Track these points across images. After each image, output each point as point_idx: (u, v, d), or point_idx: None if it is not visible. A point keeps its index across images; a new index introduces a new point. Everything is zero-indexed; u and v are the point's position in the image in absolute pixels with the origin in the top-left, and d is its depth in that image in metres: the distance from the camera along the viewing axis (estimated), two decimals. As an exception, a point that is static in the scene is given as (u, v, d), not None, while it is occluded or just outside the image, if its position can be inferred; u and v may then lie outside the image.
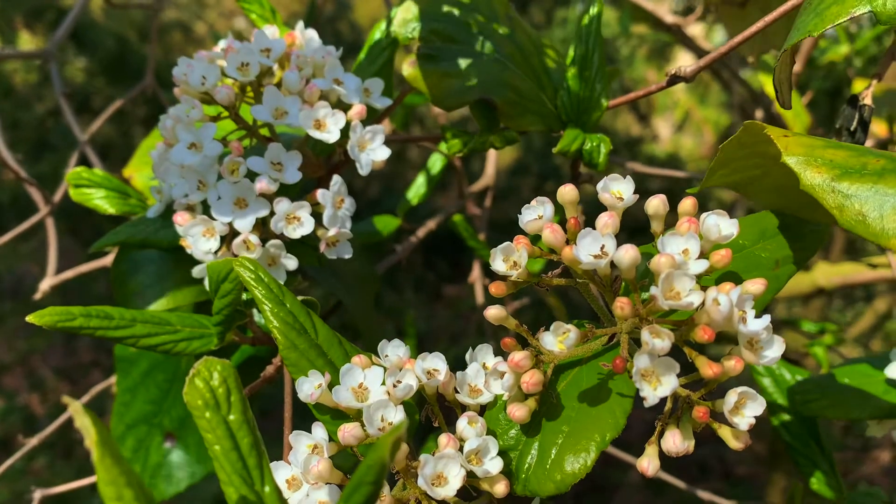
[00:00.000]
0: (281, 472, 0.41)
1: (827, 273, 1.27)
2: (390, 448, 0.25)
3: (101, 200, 0.65)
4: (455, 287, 3.02)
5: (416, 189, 0.93)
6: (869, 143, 1.15)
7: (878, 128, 1.37)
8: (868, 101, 0.60)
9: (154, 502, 0.26)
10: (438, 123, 1.27)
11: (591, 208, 0.50)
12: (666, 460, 0.40)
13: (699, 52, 1.30)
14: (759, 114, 1.28)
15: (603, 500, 2.40)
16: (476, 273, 1.08)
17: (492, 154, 1.10)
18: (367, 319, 0.74)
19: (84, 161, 1.04)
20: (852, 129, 0.60)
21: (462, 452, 0.39)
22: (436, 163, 0.93)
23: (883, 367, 0.65)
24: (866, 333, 2.36)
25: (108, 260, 0.90)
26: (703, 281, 0.41)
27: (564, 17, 3.46)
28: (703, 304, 0.37)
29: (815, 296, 1.48)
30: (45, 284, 0.81)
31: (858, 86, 1.38)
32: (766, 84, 1.21)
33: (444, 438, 0.40)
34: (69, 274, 0.82)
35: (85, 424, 0.24)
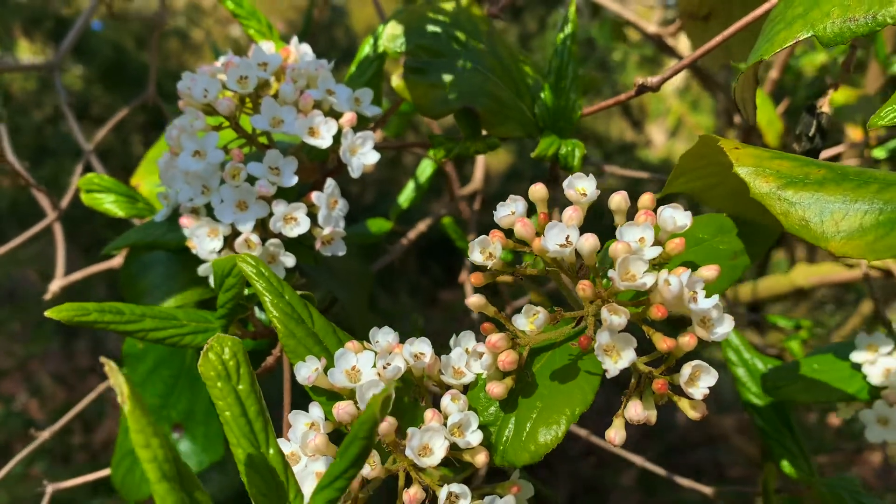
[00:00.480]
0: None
1: (805, 273, 1.32)
2: (380, 406, 0.29)
3: (111, 205, 0.69)
4: (450, 292, 3.04)
5: (407, 194, 0.97)
6: (845, 146, 1.19)
7: (854, 132, 1.41)
8: (826, 108, 0.64)
9: (176, 449, 0.30)
10: (432, 130, 1.31)
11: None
12: (661, 463, 0.44)
13: (681, 59, 1.35)
14: (738, 119, 1.33)
15: (598, 502, 2.43)
16: (465, 274, 1.12)
17: (480, 159, 1.14)
18: (362, 316, 0.78)
19: (87, 169, 1.08)
20: (811, 134, 0.64)
21: (446, 426, 0.43)
22: (425, 169, 0.97)
23: (849, 354, 0.69)
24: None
25: (112, 262, 0.93)
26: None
27: (556, 21, 3.50)
28: (656, 284, 0.41)
29: (798, 297, 1.52)
30: (55, 286, 0.85)
31: (835, 94, 1.43)
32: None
33: (429, 413, 0.44)
34: (77, 275, 0.86)
35: (119, 382, 0.28)
